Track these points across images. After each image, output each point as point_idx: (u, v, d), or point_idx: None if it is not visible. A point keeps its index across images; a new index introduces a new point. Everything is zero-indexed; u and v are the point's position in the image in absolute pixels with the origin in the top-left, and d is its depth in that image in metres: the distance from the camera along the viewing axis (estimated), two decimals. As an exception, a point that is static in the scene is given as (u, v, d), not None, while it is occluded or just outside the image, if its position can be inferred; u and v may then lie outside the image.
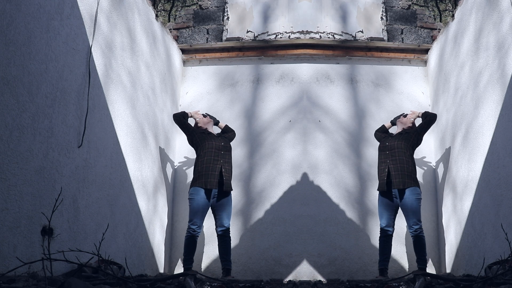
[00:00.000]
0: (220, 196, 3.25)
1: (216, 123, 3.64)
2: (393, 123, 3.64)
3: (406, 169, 3.24)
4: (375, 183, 3.92)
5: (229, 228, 3.31)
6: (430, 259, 3.74)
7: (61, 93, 2.30)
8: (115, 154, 2.87)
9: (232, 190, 3.33)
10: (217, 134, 3.54)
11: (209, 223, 3.90)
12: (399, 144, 3.34)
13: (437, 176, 3.93)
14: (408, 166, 3.25)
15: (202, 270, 3.73)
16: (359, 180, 3.95)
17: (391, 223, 3.34)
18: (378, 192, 3.41)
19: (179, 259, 3.82)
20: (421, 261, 3.21)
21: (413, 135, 3.40)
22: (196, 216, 3.19)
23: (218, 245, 3.31)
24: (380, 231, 3.38)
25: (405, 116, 3.59)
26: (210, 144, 3.29)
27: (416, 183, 3.27)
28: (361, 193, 3.92)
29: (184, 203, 3.97)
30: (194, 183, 3.25)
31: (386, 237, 3.33)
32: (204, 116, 3.59)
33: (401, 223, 3.77)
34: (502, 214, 2.70)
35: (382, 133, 3.60)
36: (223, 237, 3.29)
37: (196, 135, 3.39)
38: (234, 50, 4.27)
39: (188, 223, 3.24)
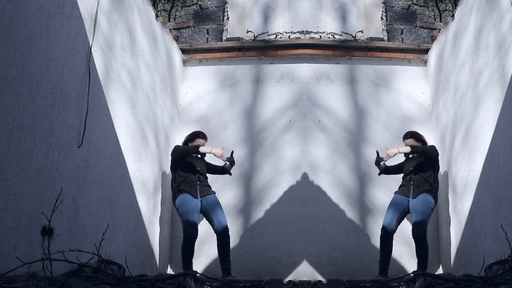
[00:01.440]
0: (205, 201, 3.27)
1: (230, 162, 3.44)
2: (378, 162, 3.47)
3: (428, 181, 3.27)
4: (375, 183, 3.92)
5: (227, 227, 3.30)
6: (430, 259, 3.74)
7: (61, 93, 2.30)
8: (115, 154, 2.87)
9: (213, 193, 3.33)
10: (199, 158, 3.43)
11: (208, 224, 3.90)
12: (423, 162, 3.32)
13: (437, 176, 3.93)
14: (429, 178, 3.28)
15: (202, 270, 3.73)
16: (359, 180, 3.95)
17: (394, 222, 3.30)
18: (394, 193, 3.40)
19: (179, 259, 3.82)
20: (422, 265, 3.19)
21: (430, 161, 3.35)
22: (189, 218, 3.16)
23: (217, 244, 3.29)
24: (381, 229, 3.37)
25: (380, 160, 3.44)
26: (186, 165, 3.30)
27: (433, 194, 3.27)
28: (361, 193, 3.92)
29: (184, 203, 3.97)
30: (177, 193, 3.26)
31: (385, 236, 3.32)
32: (228, 160, 3.39)
33: (401, 223, 3.77)
34: (502, 214, 2.70)
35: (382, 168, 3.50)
36: (223, 236, 3.25)
37: (178, 161, 3.31)
38: (234, 50, 4.27)
39: (182, 232, 3.22)
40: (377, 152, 3.52)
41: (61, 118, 2.30)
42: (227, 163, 3.42)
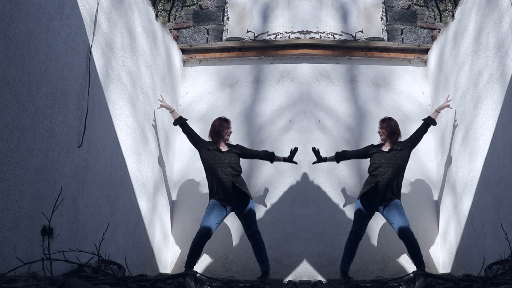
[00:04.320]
0: (238, 204, 3.10)
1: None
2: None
3: (395, 185, 3.07)
4: (375, 183, 3.92)
5: (254, 232, 3.09)
6: (430, 259, 3.74)
7: (61, 93, 2.30)
8: (115, 154, 2.87)
9: (250, 197, 3.11)
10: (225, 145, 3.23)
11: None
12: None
13: (437, 176, 3.93)
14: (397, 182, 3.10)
15: (202, 270, 3.73)
16: (359, 180, 3.95)
17: (365, 227, 3.17)
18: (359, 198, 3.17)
19: (180, 259, 3.81)
20: (420, 263, 2.92)
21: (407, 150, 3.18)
22: (206, 219, 3.00)
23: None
24: (352, 233, 3.13)
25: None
26: (215, 166, 3.09)
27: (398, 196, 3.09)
28: (361, 193, 3.92)
29: (184, 203, 3.96)
30: (211, 195, 3.12)
31: (356, 239, 3.13)
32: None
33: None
34: (502, 214, 2.70)
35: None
36: (251, 239, 3.11)
37: (203, 151, 3.16)
38: (234, 50, 4.27)
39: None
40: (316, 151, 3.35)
41: (61, 118, 2.30)
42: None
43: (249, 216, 3.10)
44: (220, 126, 3.22)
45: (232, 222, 3.85)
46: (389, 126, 3.22)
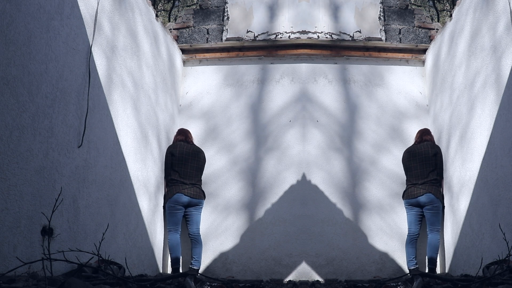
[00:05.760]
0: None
1: None
2: None
3: None
4: (374, 182, 3.94)
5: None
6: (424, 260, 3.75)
7: (61, 93, 2.30)
8: (115, 154, 2.87)
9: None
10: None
11: (208, 223, 3.92)
12: None
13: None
14: None
15: (202, 270, 3.73)
16: (359, 180, 3.96)
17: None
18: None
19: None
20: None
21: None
22: None
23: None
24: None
25: None
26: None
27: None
28: (360, 194, 3.94)
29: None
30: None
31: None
32: None
33: (397, 222, 3.80)
34: (500, 214, 2.72)
35: None
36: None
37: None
38: (234, 50, 4.28)
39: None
40: None
41: (61, 118, 2.30)
42: None
43: None
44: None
45: (232, 222, 3.85)
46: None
